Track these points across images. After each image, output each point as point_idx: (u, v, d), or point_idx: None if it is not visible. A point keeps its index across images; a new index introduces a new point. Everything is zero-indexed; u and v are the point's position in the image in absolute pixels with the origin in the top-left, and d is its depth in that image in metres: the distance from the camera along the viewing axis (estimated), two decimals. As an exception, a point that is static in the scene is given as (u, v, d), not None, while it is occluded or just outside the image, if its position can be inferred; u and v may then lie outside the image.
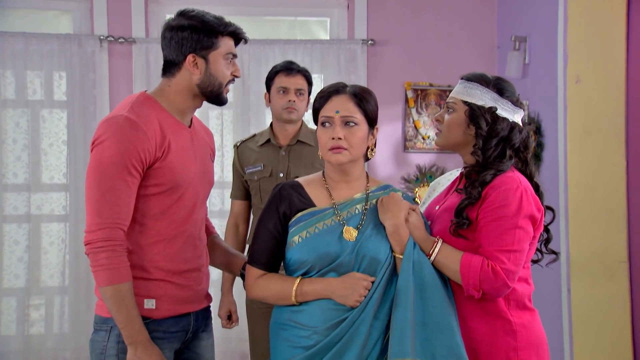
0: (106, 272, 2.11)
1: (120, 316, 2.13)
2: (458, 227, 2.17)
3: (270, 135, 3.39)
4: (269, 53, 4.86)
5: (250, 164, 3.37)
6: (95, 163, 2.14)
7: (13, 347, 4.67)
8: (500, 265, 2.10)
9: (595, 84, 3.86)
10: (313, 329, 2.11)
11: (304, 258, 2.14)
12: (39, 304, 4.82)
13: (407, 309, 2.07)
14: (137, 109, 2.21)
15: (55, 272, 4.78)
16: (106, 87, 4.76)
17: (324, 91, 2.24)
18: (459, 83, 2.34)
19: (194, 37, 2.25)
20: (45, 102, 4.74)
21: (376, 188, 2.30)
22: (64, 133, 4.77)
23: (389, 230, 2.16)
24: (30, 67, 4.69)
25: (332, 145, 2.15)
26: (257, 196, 3.35)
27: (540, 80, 4.32)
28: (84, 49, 4.70)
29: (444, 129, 2.30)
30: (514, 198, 2.14)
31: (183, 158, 2.28)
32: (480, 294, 2.12)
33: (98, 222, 2.12)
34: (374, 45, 4.97)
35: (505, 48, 4.84)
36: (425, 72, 5.06)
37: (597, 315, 3.83)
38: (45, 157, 4.78)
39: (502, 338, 2.19)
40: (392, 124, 5.02)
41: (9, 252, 4.71)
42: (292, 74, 3.33)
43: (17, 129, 4.70)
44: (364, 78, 4.94)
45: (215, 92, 2.32)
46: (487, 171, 2.19)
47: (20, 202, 4.70)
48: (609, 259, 3.85)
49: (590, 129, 3.87)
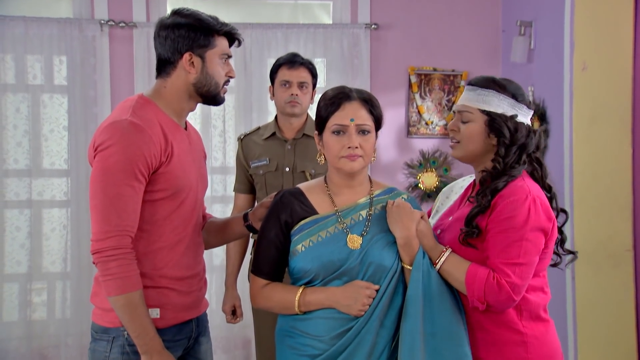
0: (118, 281, 2.06)
1: (133, 325, 2.10)
2: (467, 236, 2.12)
3: (276, 128, 3.34)
4: (271, 37, 4.81)
5: (255, 158, 3.32)
6: (101, 169, 2.09)
7: (15, 333, 4.67)
8: (505, 278, 2.05)
9: (601, 71, 3.82)
10: (318, 337, 2.09)
11: (307, 267, 2.11)
12: (41, 290, 4.82)
13: (416, 320, 2.06)
14: (140, 112, 2.16)
15: (57, 259, 4.76)
16: (107, 72, 4.72)
17: (332, 98, 2.16)
18: (469, 89, 2.24)
19: (191, 35, 2.21)
20: (46, 86, 4.70)
21: (380, 192, 2.26)
22: (64, 119, 4.73)
23: (400, 242, 2.12)
24: (30, 52, 4.65)
25: (348, 154, 2.11)
26: (262, 190, 3.30)
27: (546, 66, 4.28)
28: (85, 34, 4.65)
29: (464, 140, 2.20)
30: (522, 209, 2.07)
31: (184, 162, 2.25)
32: (485, 307, 2.08)
33: (106, 229, 2.07)
34: (377, 29, 4.92)
35: (510, 32, 4.79)
36: (429, 56, 5.01)
37: (602, 303, 3.81)
38: (46, 142, 4.74)
39: (512, 350, 2.15)
40: (396, 109, 4.98)
41: (10, 238, 4.69)
42: (295, 67, 3.27)
43: (18, 115, 4.66)
44: (367, 63, 4.90)
45: (212, 92, 2.29)
46: (500, 178, 2.14)
47: (22, 188, 4.67)
48: (614, 247, 3.83)
49: (596, 116, 3.83)
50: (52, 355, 4.72)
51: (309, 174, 3.22)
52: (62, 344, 4.68)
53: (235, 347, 4.86)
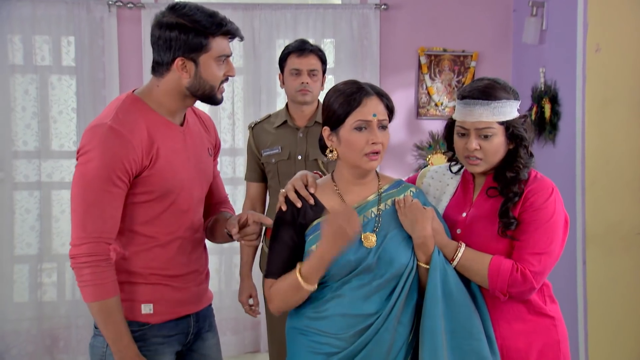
0: (92, 288, 2.05)
1: (107, 332, 2.09)
2: (506, 228, 2.13)
3: (287, 116, 3.30)
4: (280, 18, 4.77)
5: (267, 147, 3.29)
6: (79, 175, 2.06)
7: (26, 314, 4.70)
8: (529, 268, 2.09)
9: (615, 53, 3.78)
10: (336, 335, 2.07)
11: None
12: (51, 271, 4.83)
13: (437, 318, 2.05)
14: (123, 116, 2.09)
15: (66, 240, 4.68)
16: (115, 53, 4.69)
17: (350, 94, 2.09)
18: (481, 105, 2.14)
19: (182, 38, 2.09)
20: (54, 67, 4.68)
21: (388, 186, 2.23)
22: (73, 100, 4.72)
23: (417, 242, 2.10)
24: (39, 32, 4.63)
25: (371, 150, 2.07)
26: (274, 179, 3.27)
27: (558, 47, 4.24)
28: (93, 15, 4.62)
29: (489, 156, 2.17)
30: (549, 201, 2.14)
31: (174, 162, 2.18)
32: (507, 297, 2.12)
33: (82, 236, 2.05)
34: (387, 10, 4.87)
35: (520, 12, 4.75)
36: (439, 37, 4.97)
37: (612, 286, 3.82)
38: (54, 124, 4.74)
39: (549, 334, 2.19)
40: (405, 90, 4.94)
41: (20, 220, 4.71)
42: (305, 55, 3.21)
43: (27, 97, 4.65)
44: (377, 44, 4.86)
45: (207, 94, 2.19)
46: (521, 170, 2.17)
47: (31, 170, 4.67)
48: (625, 230, 3.82)
49: (608, 99, 3.80)
50: (63, 336, 4.75)
51: (321, 161, 3.19)
52: (72, 325, 4.71)
53: (245, 328, 4.88)
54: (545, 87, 4.35)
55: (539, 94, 4.41)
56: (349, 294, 2.07)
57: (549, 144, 4.26)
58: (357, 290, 2.07)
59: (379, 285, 2.07)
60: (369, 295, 2.07)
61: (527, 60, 4.71)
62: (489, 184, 2.24)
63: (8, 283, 4.68)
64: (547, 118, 4.27)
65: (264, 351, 4.84)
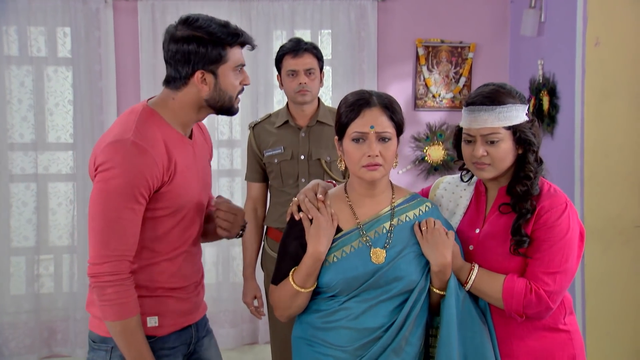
0: (115, 308, 2.01)
1: (130, 352, 2.06)
2: (519, 246, 2.10)
3: (288, 116, 3.27)
4: (277, 10, 4.74)
5: (269, 147, 3.26)
6: (100, 191, 2.01)
7: (24, 306, 4.70)
8: (544, 287, 2.06)
9: (614, 47, 3.78)
10: (341, 348, 2.05)
11: (332, 282, 2.06)
12: (48, 263, 4.82)
13: (453, 345, 2.04)
14: (143, 130, 2.06)
15: (63, 233, 4.77)
16: (112, 45, 4.66)
17: (352, 104, 2.08)
18: (484, 110, 2.13)
19: (202, 51, 2.08)
20: (50, 59, 4.65)
21: (402, 200, 2.18)
22: (69, 92, 4.70)
23: (434, 269, 2.07)
24: (34, 24, 4.59)
25: (368, 163, 2.04)
26: (277, 179, 3.25)
27: (557, 40, 4.23)
28: (89, 6, 4.58)
29: (497, 162, 2.14)
30: (563, 217, 2.09)
31: (187, 177, 2.17)
32: (523, 319, 2.10)
33: (104, 254, 2.01)
34: (384, 0, 4.86)
35: (519, 3, 4.74)
36: (436, 28, 4.96)
37: (610, 279, 3.83)
38: (51, 117, 4.72)
39: (565, 350, 2.16)
40: (403, 82, 4.93)
41: (17, 213, 4.69)
42: (300, 55, 3.17)
43: (22, 89, 4.62)
44: (374, 35, 4.84)
45: (226, 106, 2.18)
46: (531, 183, 2.13)
47: (27, 162, 4.66)
48: (624, 223, 3.83)
49: (607, 92, 3.80)
50: (60, 328, 4.75)
51: (324, 161, 3.17)
52: (70, 317, 4.71)
53: (243, 320, 4.88)
54: (544, 80, 4.34)
55: (537, 87, 4.41)
56: (355, 307, 2.06)
57: (547, 137, 4.26)
58: (363, 303, 2.06)
59: (386, 299, 2.06)
60: (376, 309, 2.05)
61: (525, 52, 4.70)
62: (501, 198, 2.21)
63: (5, 276, 4.67)
64: (546, 111, 4.27)
65: (262, 343, 4.85)
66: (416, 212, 2.17)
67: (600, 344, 3.82)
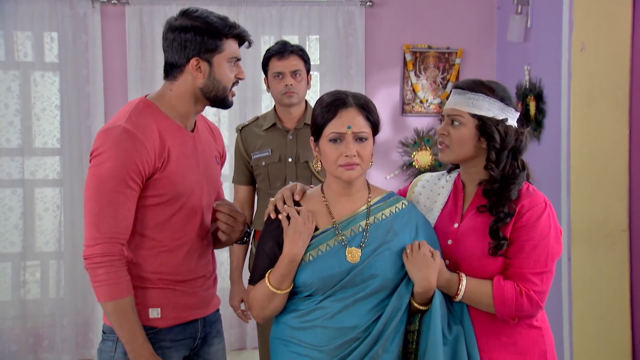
0: (106, 288, 2.07)
1: (122, 331, 2.11)
2: (497, 249, 2.11)
3: (275, 119, 3.28)
4: (265, 15, 4.76)
5: (256, 149, 3.26)
6: (93, 176, 2.09)
7: (10, 312, 4.67)
8: (533, 288, 2.08)
9: (600, 52, 3.81)
10: (317, 347, 2.05)
11: (308, 281, 2.06)
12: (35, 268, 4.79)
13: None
14: (136, 118, 2.13)
15: (50, 239, 4.74)
16: (99, 50, 4.66)
17: (328, 105, 2.09)
18: (458, 93, 2.20)
19: (198, 39, 2.16)
20: (37, 64, 4.64)
21: (379, 199, 2.19)
22: (56, 97, 4.68)
23: (417, 289, 2.06)
24: (21, 28, 4.58)
25: (345, 162, 2.06)
26: (264, 182, 3.25)
27: (543, 45, 4.26)
28: (76, 10, 4.58)
29: (454, 145, 2.18)
30: (544, 217, 2.10)
31: (184, 166, 2.21)
32: (517, 321, 2.12)
33: (96, 236, 2.07)
34: (372, 6, 4.88)
35: (505, 9, 4.77)
36: (424, 34, 4.99)
37: (597, 283, 3.85)
38: (37, 122, 4.70)
39: (535, 345, 2.18)
40: (390, 87, 4.95)
41: (3, 219, 4.67)
42: (286, 56, 3.18)
43: (9, 94, 4.61)
44: (362, 41, 4.86)
45: (219, 97, 2.23)
46: (510, 187, 2.13)
47: (14, 167, 4.64)
48: (610, 227, 3.85)
49: (593, 96, 3.83)
50: (47, 334, 4.73)
51: (312, 164, 3.18)
52: (57, 324, 4.68)
53: (231, 326, 4.87)
54: (530, 85, 4.37)
55: (523, 92, 4.44)
56: (331, 306, 2.06)
57: (533, 142, 4.28)
58: (339, 302, 2.06)
59: (362, 298, 2.05)
60: (352, 308, 2.05)
61: (512, 57, 4.74)
62: (479, 198, 2.22)
63: (-9, 282, 4.63)
64: (532, 115, 4.29)
65: (250, 348, 4.84)
66: (392, 209, 2.18)
67: (587, 346, 3.83)
